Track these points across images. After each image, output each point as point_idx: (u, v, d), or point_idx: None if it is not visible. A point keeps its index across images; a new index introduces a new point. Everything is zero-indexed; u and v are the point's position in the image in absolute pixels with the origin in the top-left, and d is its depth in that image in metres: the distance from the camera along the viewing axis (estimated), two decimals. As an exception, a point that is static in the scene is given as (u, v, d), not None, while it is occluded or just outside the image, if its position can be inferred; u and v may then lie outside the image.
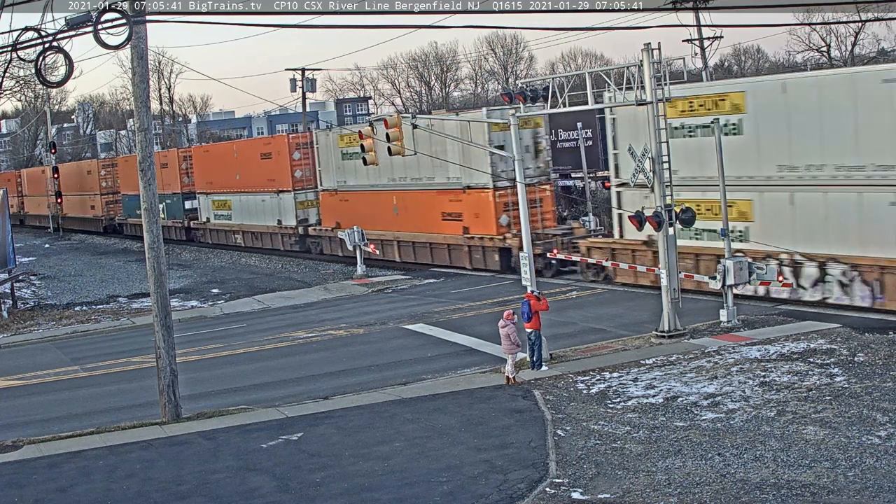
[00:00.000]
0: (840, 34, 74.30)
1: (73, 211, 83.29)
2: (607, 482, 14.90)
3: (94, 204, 79.24)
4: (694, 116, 28.96)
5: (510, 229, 36.70)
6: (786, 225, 26.78)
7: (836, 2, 41.73)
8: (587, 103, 26.03)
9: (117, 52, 20.23)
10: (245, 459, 17.62)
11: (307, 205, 50.97)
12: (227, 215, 58.00)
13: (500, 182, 36.38)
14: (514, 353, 21.52)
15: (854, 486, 13.80)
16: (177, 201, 63.93)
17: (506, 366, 21.68)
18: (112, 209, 75.86)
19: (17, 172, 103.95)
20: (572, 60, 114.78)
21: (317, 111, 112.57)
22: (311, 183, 50.48)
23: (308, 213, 50.81)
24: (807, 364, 20.47)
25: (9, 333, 35.00)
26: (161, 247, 21.13)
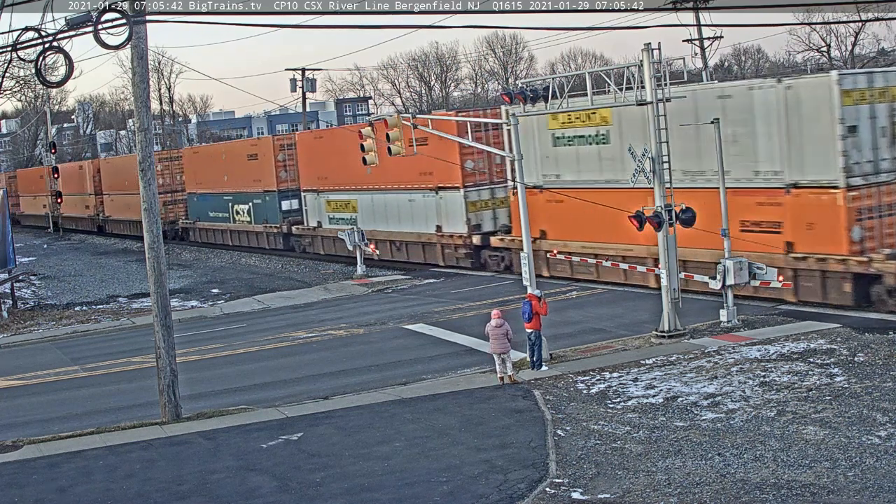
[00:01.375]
0: (840, 34, 74.36)
1: (116, 212, 74.02)
2: (607, 482, 14.90)
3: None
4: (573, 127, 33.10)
5: (862, 244, 25.63)
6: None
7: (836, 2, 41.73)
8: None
9: (117, 52, 20.24)
10: (245, 459, 17.62)
11: (480, 206, 38.98)
12: (351, 219, 45.96)
13: (853, 178, 25.49)
14: (507, 352, 21.49)
15: (854, 486, 13.81)
16: (270, 201, 53.04)
17: (504, 366, 21.59)
18: (172, 211, 66.09)
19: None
20: (572, 60, 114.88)
21: (317, 111, 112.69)
22: (485, 178, 39.15)
23: (481, 216, 38.78)
24: (807, 364, 20.47)
25: (9, 333, 35.00)
26: (161, 247, 21.13)
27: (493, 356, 21.66)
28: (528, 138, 32.73)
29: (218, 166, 59.17)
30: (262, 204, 53.88)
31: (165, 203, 63.58)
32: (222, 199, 58.56)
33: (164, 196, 62.78)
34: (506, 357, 21.49)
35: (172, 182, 65.98)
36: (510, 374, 21.53)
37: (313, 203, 49.39)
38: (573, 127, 33.21)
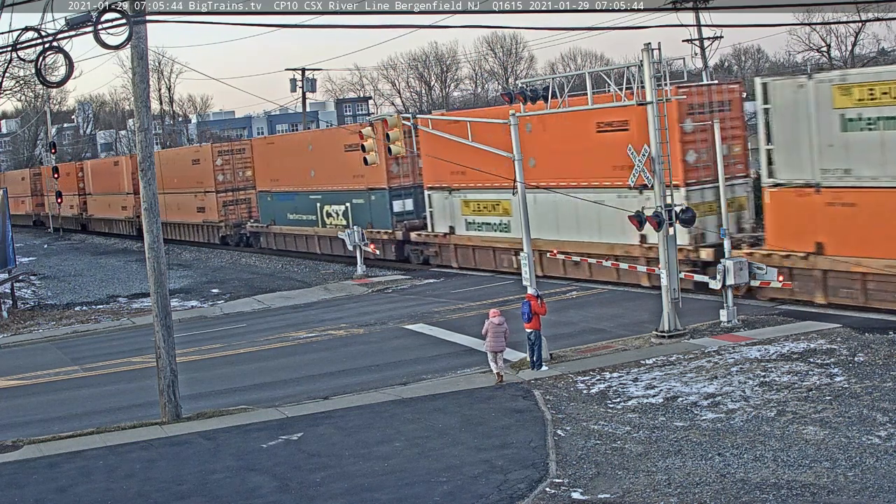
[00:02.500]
0: (840, 34, 74.39)
1: (169, 214, 61.56)
2: (607, 482, 14.90)
3: (203, 204, 59.50)
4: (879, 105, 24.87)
5: None
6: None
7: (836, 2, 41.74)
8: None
9: (117, 52, 20.24)
10: (245, 459, 17.62)
11: (705, 209, 29.60)
12: (500, 224, 36.79)
13: None
14: (503, 350, 21.56)
15: (854, 486, 13.81)
16: (377, 201, 43.42)
17: (496, 364, 21.66)
18: (233, 213, 57.73)
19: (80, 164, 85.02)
20: (572, 60, 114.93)
21: (317, 111, 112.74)
22: (710, 173, 29.02)
23: (705, 222, 29.34)
24: (807, 364, 20.47)
25: (9, 333, 35.00)
26: (161, 247, 21.13)
27: (488, 353, 21.77)
28: (795, 121, 26.12)
29: (301, 159, 49.32)
30: (365, 204, 44.26)
31: (225, 203, 57.26)
32: (307, 199, 49.25)
33: (224, 195, 57.29)
34: (499, 355, 21.58)
35: (234, 179, 57.89)
36: (502, 371, 21.60)
37: (442, 203, 40.03)
38: (879, 105, 24.49)
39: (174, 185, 61.63)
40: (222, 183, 57.46)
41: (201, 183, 59.01)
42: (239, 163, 57.66)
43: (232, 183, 57.75)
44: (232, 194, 57.65)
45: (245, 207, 57.65)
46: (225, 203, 57.61)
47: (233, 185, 57.76)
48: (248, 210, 57.35)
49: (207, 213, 59.03)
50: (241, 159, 57.44)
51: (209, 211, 58.73)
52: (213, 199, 58.18)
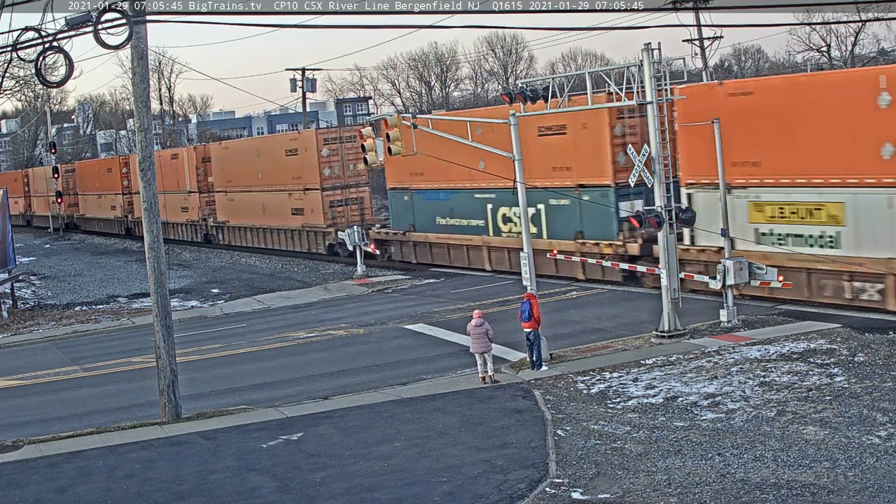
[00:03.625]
0: (840, 34, 74.36)
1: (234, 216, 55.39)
2: (607, 482, 14.90)
3: (302, 205, 48.43)
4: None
5: None
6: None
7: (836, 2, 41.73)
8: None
9: (117, 52, 20.25)
10: (245, 459, 17.62)
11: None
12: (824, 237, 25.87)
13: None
14: (489, 351, 21.56)
15: (854, 486, 13.81)
16: (603, 199, 32.08)
17: (485, 366, 21.66)
18: (342, 214, 46.97)
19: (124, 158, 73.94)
20: (572, 60, 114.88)
21: (317, 111, 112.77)
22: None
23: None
24: (807, 364, 20.47)
25: (9, 333, 35.00)
26: (161, 247, 21.12)
27: (476, 356, 21.78)
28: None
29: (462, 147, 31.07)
30: (571, 207, 33.32)
31: (332, 203, 46.90)
32: (471, 199, 38.45)
33: (331, 193, 46.82)
34: (486, 356, 21.57)
35: (343, 174, 47.11)
36: (490, 373, 21.58)
37: (709, 204, 28.06)
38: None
39: (251, 181, 52.51)
40: (329, 178, 46.88)
41: (300, 179, 48.37)
42: (350, 153, 46.54)
43: (341, 179, 47.19)
44: (341, 192, 47.04)
45: (357, 209, 47.20)
46: (332, 203, 46.82)
47: (342, 181, 47.20)
48: (361, 212, 47.19)
49: (308, 216, 48.20)
50: (354, 149, 45.15)
51: (311, 213, 47.93)
52: (316, 199, 47.17)
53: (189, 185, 60.75)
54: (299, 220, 49.28)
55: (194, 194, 60.32)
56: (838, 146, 24.59)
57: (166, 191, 60.96)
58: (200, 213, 60.19)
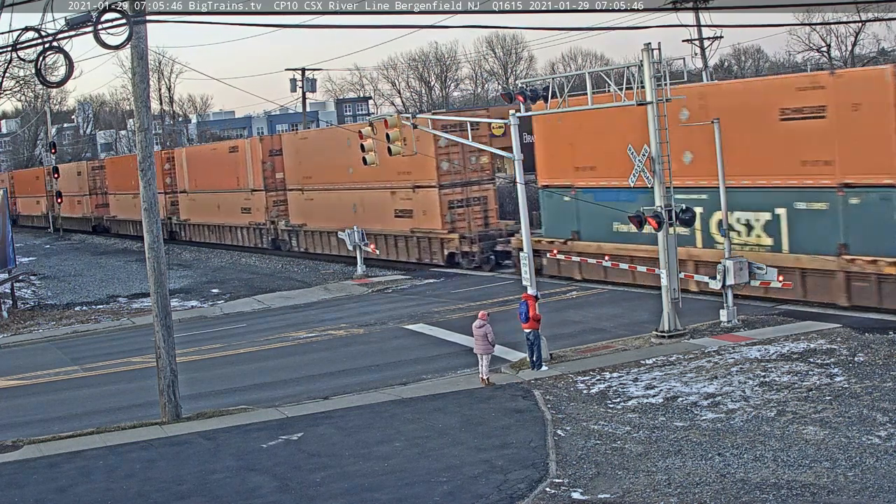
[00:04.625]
0: (840, 34, 74.40)
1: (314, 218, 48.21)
2: (607, 482, 14.90)
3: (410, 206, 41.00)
4: None
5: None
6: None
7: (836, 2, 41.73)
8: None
9: (117, 52, 20.24)
10: (245, 459, 17.62)
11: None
12: None
13: None
14: (489, 353, 21.56)
15: (854, 486, 13.81)
16: (873, 207, 24.91)
17: (483, 367, 21.67)
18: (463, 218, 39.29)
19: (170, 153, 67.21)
20: (572, 60, 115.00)
21: (317, 111, 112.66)
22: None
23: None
24: (807, 364, 20.47)
25: (9, 333, 35.01)
26: (161, 247, 21.12)
27: (478, 356, 21.83)
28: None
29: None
30: (829, 213, 26.02)
31: (451, 204, 38.99)
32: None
33: (449, 191, 38.97)
34: (486, 358, 21.56)
35: (465, 168, 39.33)
36: (484, 376, 21.57)
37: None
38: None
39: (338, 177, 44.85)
40: (448, 174, 39.02)
41: (408, 174, 40.17)
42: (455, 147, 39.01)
43: (462, 174, 39.32)
44: (461, 191, 39.42)
45: (480, 211, 39.63)
46: (451, 203, 39.29)
47: (463, 176, 39.41)
48: (485, 215, 39.38)
49: (420, 220, 40.24)
50: (478, 138, 36.13)
51: (423, 216, 39.80)
52: (431, 198, 39.19)
53: (252, 183, 53.17)
54: (407, 224, 41.20)
55: (259, 193, 52.70)
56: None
57: (221, 189, 56.55)
58: (268, 215, 52.37)
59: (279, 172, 51.75)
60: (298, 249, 50.03)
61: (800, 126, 26.49)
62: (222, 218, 57.85)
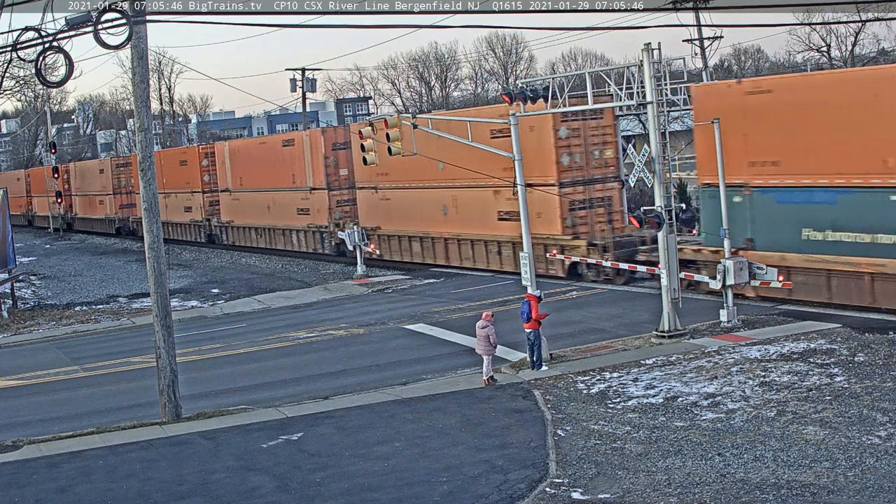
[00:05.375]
0: (840, 34, 74.32)
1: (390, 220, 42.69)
2: (607, 482, 14.90)
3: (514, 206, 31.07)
4: None
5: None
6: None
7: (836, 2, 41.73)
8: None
9: (117, 52, 20.26)
10: (245, 459, 17.62)
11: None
12: None
13: None
14: (490, 355, 21.56)
15: (854, 486, 13.81)
16: None
17: (485, 367, 21.69)
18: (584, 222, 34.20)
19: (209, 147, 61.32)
20: (572, 60, 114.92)
21: (317, 111, 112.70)
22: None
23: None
24: (807, 364, 20.47)
25: (9, 333, 35.00)
26: (161, 247, 21.12)
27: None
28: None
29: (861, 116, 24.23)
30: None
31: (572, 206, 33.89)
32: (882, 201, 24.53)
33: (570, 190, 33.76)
34: (486, 359, 21.58)
35: (587, 164, 34.27)
36: (486, 376, 21.57)
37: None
38: None
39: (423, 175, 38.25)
40: (568, 170, 33.97)
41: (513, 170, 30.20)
42: (594, 134, 34.21)
43: (583, 171, 34.20)
44: (584, 190, 34.15)
45: (604, 213, 34.47)
46: (571, 205, 33.79)
47: (585, 173, 34.27)
48: (609, 217, 34.22)
49: (541, 224, 33.21)
50: (601, 129, 33.87)
51: (536, 219, 31.87)
52: (549, 199, 33.55)
53: (312, 181, 47.66)
54: (515, 229, 32.29)
55: (320, 192, 47.10)
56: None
57: (272, 188, 50.58)
58: (331, 218, 46.66)
59: (343, 168, 45.87)
60: (371, 256, 43.13)
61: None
62: (273, 220, 51.58)
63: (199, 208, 59.00)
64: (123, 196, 70.02)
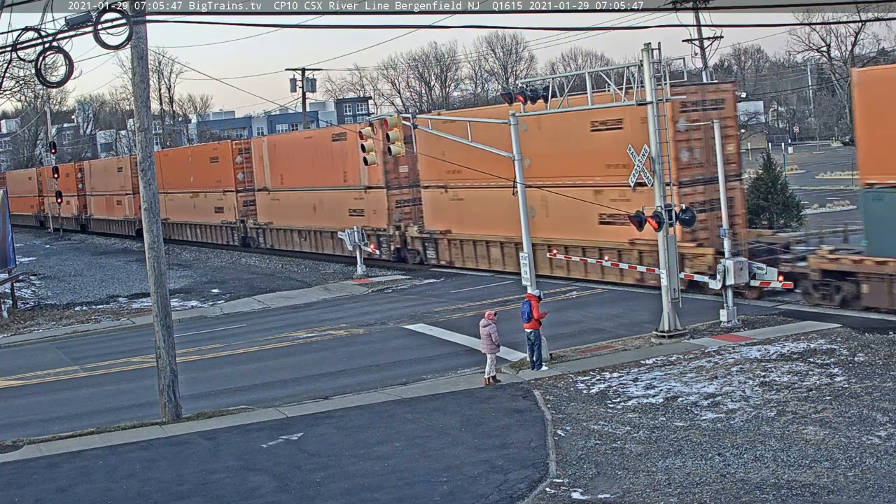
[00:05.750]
0: (840, 34, 74.40)
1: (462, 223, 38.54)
2: (607, 482, 14.90)
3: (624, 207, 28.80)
4: None
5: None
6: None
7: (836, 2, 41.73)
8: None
9: (117, 52, 20.25)
10: (245, 459, 17.62)
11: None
12: None
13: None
14: (493, 354, 21.56)
15: (854, 486, 13.81)
16: None
17: (488, 366, 21.69)
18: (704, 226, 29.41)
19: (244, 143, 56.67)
20: (572, 60, 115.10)
21: (317, 111, 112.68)
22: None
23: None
24: (807, 364, 20.47)
25: (9, 333, 34.99)
26: (161, 247, 21.12)
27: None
28: None
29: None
30: None
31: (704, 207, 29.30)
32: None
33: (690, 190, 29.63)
34: (489, 358, 21.59)
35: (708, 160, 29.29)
36: (487, 375, 21.57)
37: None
38: None
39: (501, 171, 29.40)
40: (688, 167, 29.68)
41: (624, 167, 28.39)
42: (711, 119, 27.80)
43: (703, 168, 29.80)
44: (703, 190, 29.78)
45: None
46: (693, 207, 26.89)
47: (705, 171, 29.67)
48: (731, 219, 27.14)
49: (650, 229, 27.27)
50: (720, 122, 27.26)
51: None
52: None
53: (366, 178, 43.47)
54: (621, 234, 30.36)
55: (377, 191, 43.01)
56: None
57: (319, 186, 45.90)
58: (390, 219, 42.81)
59: (403, 165, 42.10)
60: (439, 262, 40.15)
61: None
62: (320, 222, 46.97)
63: (231, 209, 55.34)
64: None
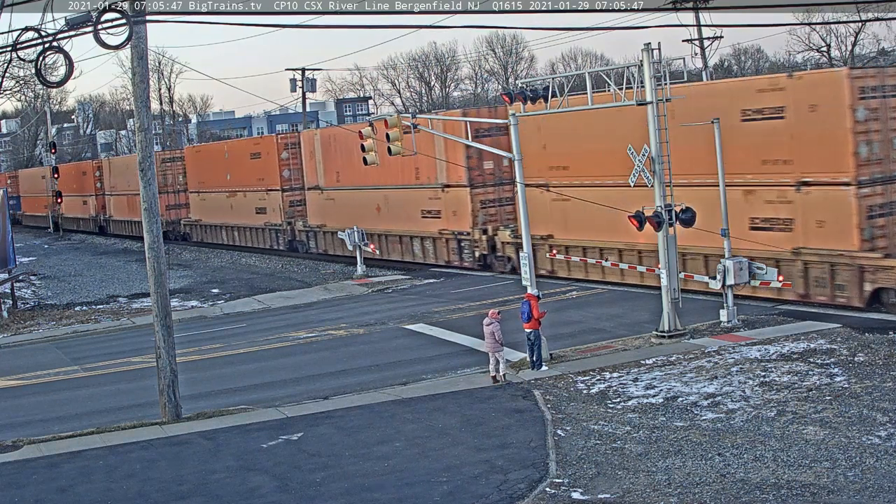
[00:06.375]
0: (840, 34, 74.35)
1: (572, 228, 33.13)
2: (607, 482, 14.90)
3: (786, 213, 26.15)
4: None
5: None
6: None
7: (836, 2, 41.72)
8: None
9: (117, 52, 20.25)
10: (245, 459, 17.63)
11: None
12: None
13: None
14: (498, 351, 21.58)
15: (854, 486, 13.81)
16: None
17: (490, 365, 21.71)
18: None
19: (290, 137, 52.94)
20: (572, 60, 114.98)
21: (317, 111, 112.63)
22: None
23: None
24: (807, 364, 20.47)
25: (9, 333, 34.99)
26: (161, 247, 21.12)
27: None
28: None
29: None
30: None
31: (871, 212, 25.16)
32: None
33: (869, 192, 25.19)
34: (493, 356, 21.63)
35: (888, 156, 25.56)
36: (493, 373, 21.60)
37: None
38: None
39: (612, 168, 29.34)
40: (866, 164, 25.36)
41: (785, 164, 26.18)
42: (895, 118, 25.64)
43: (882, 165, 25.60)
44: (882, 190, 25.64)
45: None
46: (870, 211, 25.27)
47: (884, 168, 25.59)
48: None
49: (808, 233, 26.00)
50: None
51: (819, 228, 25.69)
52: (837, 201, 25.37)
53: (443, 176, 38.88)
54: (781, 240, 26.46)
55: (457, 189, 38.36)
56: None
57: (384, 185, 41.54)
58: (474, 221, 37.95)
59: (488, 161, 37.13)
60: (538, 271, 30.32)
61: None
62: (385, 224, 42.48)
63: (276, 210, 50.54)
64: (171, 195, 61.21)
